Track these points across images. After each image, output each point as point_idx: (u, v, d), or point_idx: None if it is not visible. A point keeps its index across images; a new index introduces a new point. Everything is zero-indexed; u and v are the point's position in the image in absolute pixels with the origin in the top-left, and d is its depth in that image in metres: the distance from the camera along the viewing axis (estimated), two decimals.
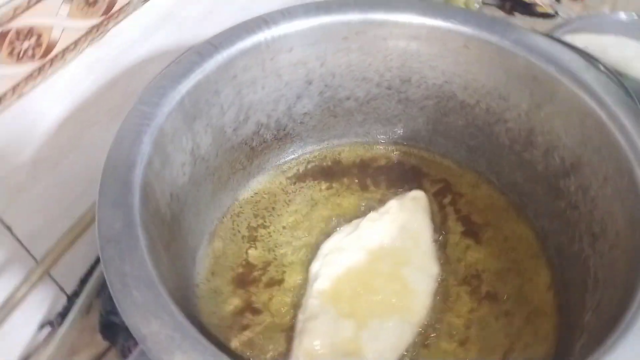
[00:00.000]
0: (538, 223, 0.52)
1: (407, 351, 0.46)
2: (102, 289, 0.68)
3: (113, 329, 0.67)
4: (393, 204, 0.54)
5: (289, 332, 0.47)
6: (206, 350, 0.29)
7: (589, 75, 0.44)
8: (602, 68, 0.52)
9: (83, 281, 0.71)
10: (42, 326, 0.68)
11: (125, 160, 0.37)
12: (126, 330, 0.65)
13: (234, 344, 0.46)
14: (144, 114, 0.41)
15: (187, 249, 0.49)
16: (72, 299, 0.69)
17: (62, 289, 0.69)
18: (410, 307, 0.48)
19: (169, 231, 0.43)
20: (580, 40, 0.81)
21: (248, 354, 0.45)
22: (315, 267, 0.50)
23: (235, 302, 0.49)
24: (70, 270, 0.68)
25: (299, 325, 0.47)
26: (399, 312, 0.47)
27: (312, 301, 0.47)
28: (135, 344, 0.63)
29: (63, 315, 0.68)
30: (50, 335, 0.68)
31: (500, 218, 0.54)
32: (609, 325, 0.33)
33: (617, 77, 0.69)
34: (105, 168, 0.37)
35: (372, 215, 0.53)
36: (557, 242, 0.50)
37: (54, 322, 0.68)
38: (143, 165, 0.38)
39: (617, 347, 0.31)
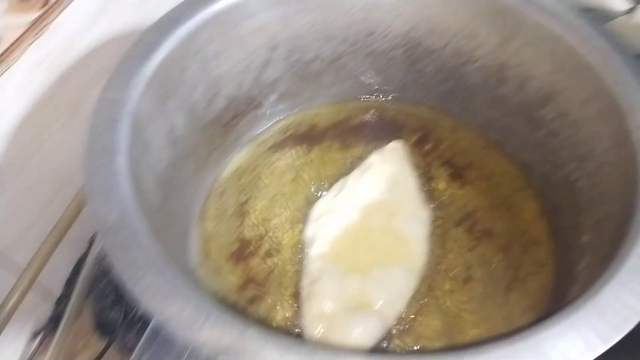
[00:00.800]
0: (520, 156, 0.53)
1: (414, 297, 0.46)
2: (91, 289, 0.66)
3: (109, 326, 0.65)
4: (374, 158, 0.54)
5: (295, 298, 0.47)
6: (233, 322, 0.28)
7: (554, 1, 0.44)
8: None
9: (69, 282, 0.69)
10: (35, 334, 0.66)
11: (106, 150, 0.36)
12: (123, 325, 0.64)
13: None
14: (114, 102, 0.39)
15: (179, 234, 0.48)
16: (60, 301, 0.67)
17: (50, 294, 0.66)
18: (409, 254, 0.48)
19: (160, 218, 0.41)
20: None
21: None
22: (309, 231, 0.50)
23: (236, 279, 0.48)
24: (55, 274, 0.66)
25: (304, 291, 0.46)
26: (400, 261, 0.47)
27: (313, 265, 0.47)
28: (136, 337, 0.63)
29: (54, 319, 0.66)
30: (45, 343, 0.66)
31: (482, 157, 0.55)
32: (612, 243, 0.34)
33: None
34: (86, 160, 0.35)
35: (355, 172, 0.53)
36: (541, 172, 0.51)
37: (46, 328, 0.66)
38: (125, 152, 0.36)
39: (625, 262, 0.31)
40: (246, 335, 0.28)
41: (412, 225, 0.50)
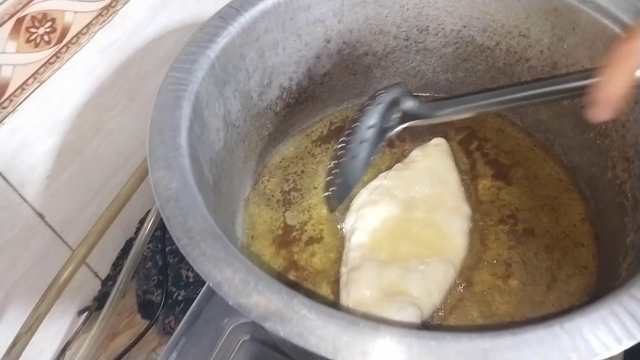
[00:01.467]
0: (567, 158, 0.53)
1: (451, 289, 0.47)
2: (136, 271, 0.69)
3: (151, 307, 0.68)
4: (417, 153, 0.55)
5: (334, 284, 0.48)
6: (280, 289, 0.30)
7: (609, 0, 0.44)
8: None
9: (115, 265, 0.72)
10: (80, 312, 0.69)
11: (169, 125, 0.38)
12: (165, 307, 0.66)
13: None
14: (178, 81, 0.41)
15: (228, 215, 0.50)
16: (106, 283, 0.70)
17: (95, 274, 0.70)
18: (448, 248, 0.48)
19: (213, 196, 0.43)
20: None
21: None
22: (349, 222, 0.51)
23: (279, 262, 0.50)
24: (102, 255, 0.69)
25: (343, 278, 0.47)
26: (439, 254, 0.48)
27: (353, 254, 0.48)
28: (176, 320, 0.65)
29: (99, 299, 0.69)
30: (90, 320, 0.69)
31: (528, 158, 0.55)
32: None
33: None
34: (151, 133, 0.37)
35: (398, 165, 0.54)
36: (588, 174, 0.51)
37: (91, 307, 0.69)
38: (186, 129, 0.39)
39: None
40: (293, 302, 0.30)
41: (453, 220, 0.50)
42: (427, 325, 0.45)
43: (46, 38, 0.53)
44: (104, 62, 0.60)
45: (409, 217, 0.50)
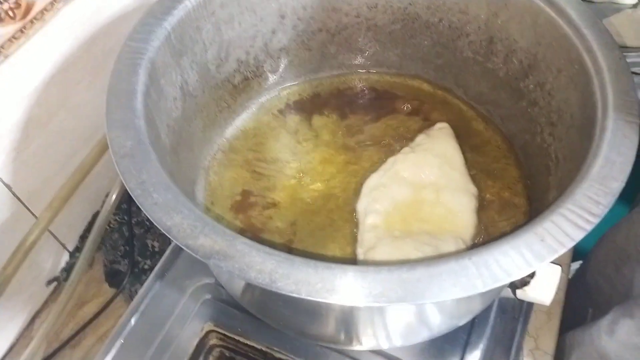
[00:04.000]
0: (504, 127, 0.57)
1: None
2: (103, 242, 0.72)
3: (118, 276, 0.71)
4: (422, 137, 0.57)
5: (289, 244, 0.51)
6: (225, 232, 0.33)
7: None
8: None
9: (82, 237, 0.74)
10: (49, 282, 0.71)
11: (126, 90, 0.41)
12: (132, 275, 0.69)
13: None
14: (136, 49, 0.44)
15: (188, 181, 0.52)
16: (73, 254, 0.73)
17: (63, 246, 0.72)
18: (459, 226, 0.50)
19: (170, 160, 0.46)
20: None
21: None
22: (362, 204, 0.53)
23: (237, 225, 0.53)
24: (70, 227, 0.71)
25: (360, 258, 0.49)
26: (450, 232, 0.50)
27: (368, 235, 0.50)
28: (142, 287, 0.68)
29: (67, 270, 0.72)
30: (57, 290, 0.71)
31: (470, 128, 0.59)
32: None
33: None
34: (109, 97, 0.40)
35: (405, 149, 0.56)
36: (522, 141, 0.55)
37: (59, 277, 0.72)
38: (142, 94, 0.41)
39: (568, 200, 0.35)
40: (235, 242, 0.33)
41: (461, 198, 0.52)
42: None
43: (11, 14, 0.55)
44: (69, 39, 0.62)
45: (419, 197, 0.52)
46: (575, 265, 0.76)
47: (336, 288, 0.30)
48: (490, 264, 0.31)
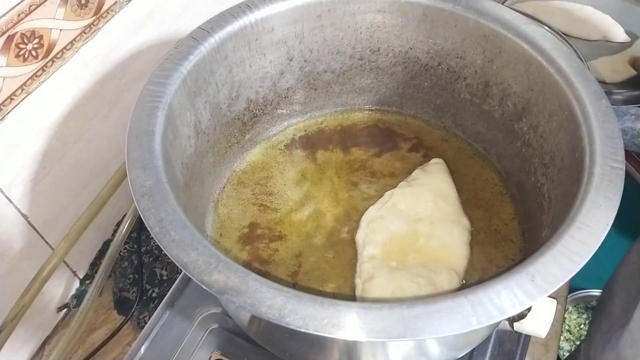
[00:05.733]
0: (500, 165, 0.60)
1: None
2: (113, 270, 0.74)
3: (127, 304, 0.73)
4: (418, 172, 0.59)
5: (294, 276, 0.54)
6: (237, 269, 0.36)
7: (529, 29, 0.52)
8: (547, 29, 0.59)
9: (93, 265, 0.76)
10: (59, 309, 0.74)
11: (145, 131, 0.44)
12: (140, 303, 0.71)
13: None
14: (154, 93, 0.47)
15: (198, 214, 0.55)
16: (83, 281, 0.75)
17: (74, 273, 0.74)
18: (452, 258, 0.53)
19: (184, 196, 0.49)
20: (527, 7, 0.89)
21: None
22: (361, 236, 0.55)
23: (244, 256, 0.56)
24: (81, 255, 0.74)
25: (358, 288, 0.51)
26: (444, 263, 0.52)
27: (366, 265, 0.52)
28: (150, 314, 0.70)
29: (77, 297, 0.74)
30: (68, 317, 0.73)
31: (467, 165, 0.62)
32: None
33: (562, 36, 0.78)
34: (129, 138, 0.43)
35: (402, 184, 0.59)
36: (517, 179, 0.58)
37: (69, 304, 0.74)
38: (160, 135, 0.44)
39: (558, 243, 0.37)
40: (247, 279, 0.35)
41: (454, 232, 0.54)
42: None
43: (34, 53, 0.58)
44: (86, 75, 0.65)
45: (415, 230, 0.54)
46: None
47: (341, 324, 0.33)
48: (484, 302, 0.33)
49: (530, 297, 0.34)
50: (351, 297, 0.51)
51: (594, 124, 0.43)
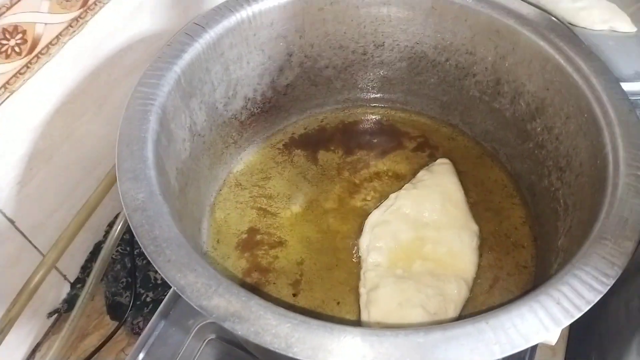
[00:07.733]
0: (510, 166, 0.58)
1: (466, 304, 0.49)
2: (105, 273, 0.71)
3: (120, 309, 0.70)
4: (424, 173, 0.57)
5: (296, 285, 0.51)
6: (239, 292, 0.33)
7: (545, 24, 0.49)
8: (553, 19, 0.56)
9: (84, 268, 0.74)
10: (50, 314, 0.71)
11: (137, 138, 0.40)
12: (134, 308, 0.69)
13: None
14: (146, 95, 0.43)
15: (194, 221, 0.52)
16: (74, 285, 0.72)
17: (65, 277, 0.71)
18: (460, 265, 0.50)
19: (179, 203, 0.46)
20: None
21: None
22: (364, 241, 0.53)
23: (242, 264, 0.53)
24: (72, 258, 0.71)
25: (363, 298, 0.49)
26: (452, 271, 0.49)
27: (370, 274, 0.50)
28: (144, 321, 0.67)
29: (68, 301, 0.71)
30: (59, 322, 0.71)
31: (476, 165, 0.59)
32: (580, 242, 0.38)
33: (567, 26, 0.74)
34: (120, 145, 0.40)
35: (407, 186, 0.56)
36: (528, 181, 0.55)
37: (60, 309, 0.71)
38: (153, 142, 0.41)
39: (583, 260, 0.35)
40: (250, 304, 0.33)
41: (463, 237, 0.52)
42: None
43: (17, 49, 0.55)
44: (73, 71, 0.62)
45: (421, 235, 0.52)
46: None
47: (354, 355, 0.30)
48: (507, 327, 0.31)
49: (557, 323, 0.31)
50: (357, 308, 0.49)
51: (618, 130, 0.41)
